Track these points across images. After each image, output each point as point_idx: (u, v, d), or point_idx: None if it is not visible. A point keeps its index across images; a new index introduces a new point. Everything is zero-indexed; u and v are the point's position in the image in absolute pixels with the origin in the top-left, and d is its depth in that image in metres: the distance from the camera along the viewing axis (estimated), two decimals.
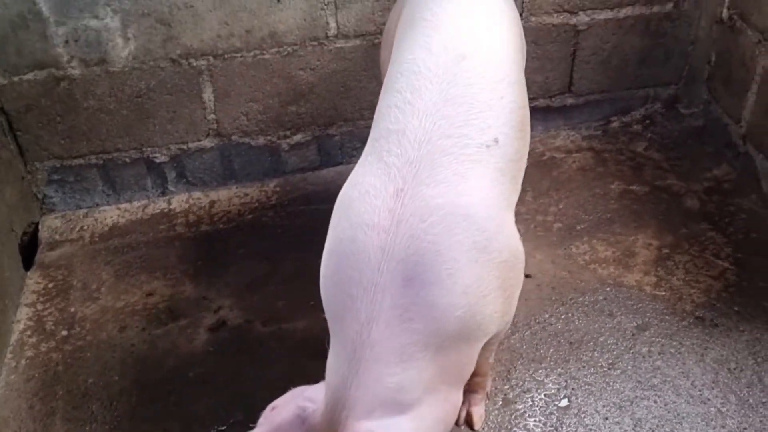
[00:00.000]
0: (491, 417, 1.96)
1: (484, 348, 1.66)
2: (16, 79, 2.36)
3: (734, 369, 2.04)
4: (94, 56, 2.36)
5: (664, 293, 2.26)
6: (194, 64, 2.45)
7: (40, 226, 2.64)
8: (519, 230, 1.50)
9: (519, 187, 1.66)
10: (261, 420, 1.45)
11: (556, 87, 2.77)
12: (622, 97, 2.87)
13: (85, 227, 2.65)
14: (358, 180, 1.47)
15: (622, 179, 2.68)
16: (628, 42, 2.73)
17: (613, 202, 2.59)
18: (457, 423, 1.94)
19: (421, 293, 1.34)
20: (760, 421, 1.91)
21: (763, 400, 1.96)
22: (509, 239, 1.50)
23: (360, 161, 1.53)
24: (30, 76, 2.36)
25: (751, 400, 1.96)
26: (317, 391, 1.44)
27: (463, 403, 1.93)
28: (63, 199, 2.65)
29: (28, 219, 2.58)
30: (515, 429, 1.93)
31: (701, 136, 2.85)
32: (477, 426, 1.93)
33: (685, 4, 2.68)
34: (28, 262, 2.51)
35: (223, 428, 1.98)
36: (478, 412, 1.94)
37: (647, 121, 2.91)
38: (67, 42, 2.32)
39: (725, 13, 2.64)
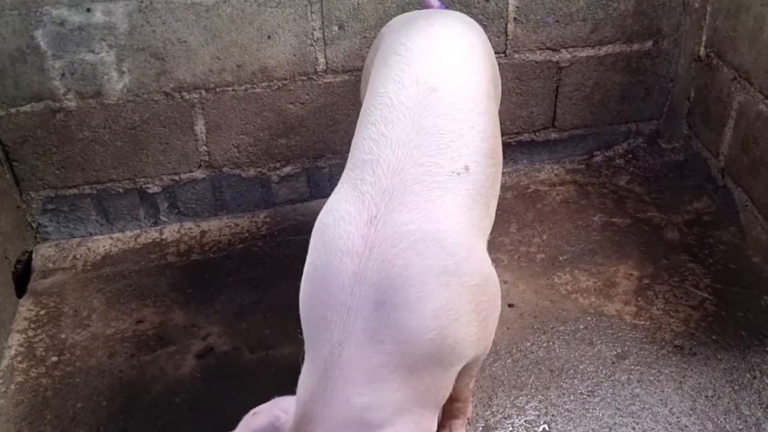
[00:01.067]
0: None
1: (462, 374, 1.70)
2: (13, 110, 2.43)
3: (712, 396, 2.08)
4: (89, 89, 2.44)
5: (643, 322, 2.30)
6: (187, 97, 2.52)
7: (33, 255, 2.69)
8: (502, 260, 1.56)
9: (492, 214, 1.71)
10: (241, 423, 1.49)
11: (540, 122, 2.85)
12: (604, 131, 2.94)
13: (78, 256, 2.70)
14: (333, 207, 1.53)
15: (604, 212, 2.74)
16: (609, 78, 2.81)
17: (596, 233, 2.64)
18: None
19: (392, 315, 1.38)
20: None
21: (740, 427, 2.00)
22: (480, 264, 1.54)
23: (336, 189, 1.59)
24: (27, 107, 2.43)
25: (728, 427, 1.99)
26: (292, 403, 1.48)
27: (444, 428, 1.97)
28: (57, 228, 2.70)
29: (22, 247, 2.63)
30: None
31: (682, 169, 2.92)
32: None
33: (664, 43, 2.77)
34: (21, 289, 2.56)
35: None
36: None
37: (629, 156, 2.98)
38: (63, 75, 2.39)
39: (702, 51, 2.72)
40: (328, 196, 2.77)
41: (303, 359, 1.51)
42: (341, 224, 1.46)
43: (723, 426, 2.00)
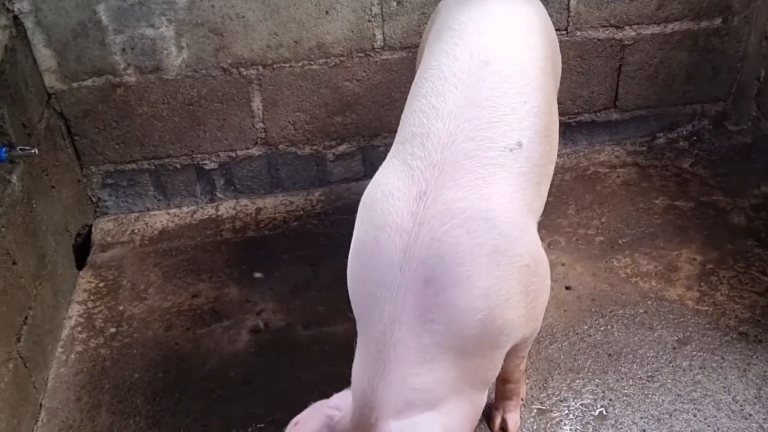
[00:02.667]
0: (526, 424, 1.96)
1: (512, 354, 1.67)
2: (75, 85, 2.46)
3: None
4: (149, 64, 2.46)
5: (706, 308, 2.23)
6: (244, 73, 2.52)
7: (93, 229, 2.74)
8: (560, 242, 1.52)
9: (545, 195, 1.66)
10: None
11: (602, 102, 2.77)
12: (668, 113, 2.85)
13: (136, 230, 2.73)
14: (381, 182, 1.50)
15: (666, 195, 2.66)
16: (675, 57, 2.72)
17: (657, 217, 2.57)
18: (492, 429, 1.95)
19: (441, 294, 1.36)
20: None
21: None
22: (531, 244, 1.50)
23: (384, 164, 1.56)
24: (88, 82, 2.47)
25: None
26: (342, 399, 1.46)
27: (498, 409, 1.95)
28: (116, 202, 2.74)
29: (82, 221, 2.68)
30: None
31: (750, 152, 2.82)
32: None
33: (734, 20, 2.66)
34: (80, 262, 2.60)
35: (262, 426, 2.02)
36: (513, 419, 1.94)
37: (694, 138, 2.89)
38: (124, 50, 2.41)
39: None
40: None
41: (356, 343, 1.49)
42: (390, 200, 1.43)
43: None
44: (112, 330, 2.35)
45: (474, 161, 1.44)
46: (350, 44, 2.51)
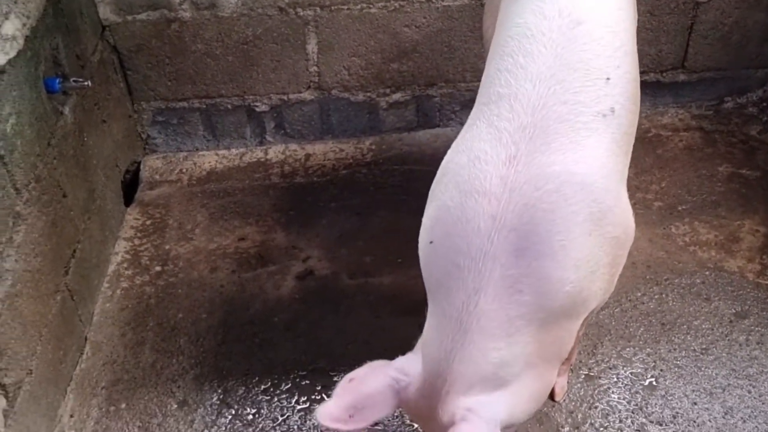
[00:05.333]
0: (573, 390, 1.92)
1: None
2: (129, 18, 2.42)
3: None
4: (205, 0, 2.40)
5: None
6: (301, 13, 2.45)
7: (141, 166, 2.72)
8: None
9: (628, 163, 1.59)
10: (338, 391, 1.36)
11: (669, 61, 2.66)
12: (739, 76, 2.72)
13: (184, 170, 2.71)
14: (466, 146, 1.42)
15: (731, 162, 2.55)
16: (751, 18, 2.57)
17: (720, 184, 2.47)
18: None
19: (534, 264, 1.29)
20: None
21: None
22: (624, 215, 1.43)
23: (466, 127, 1.48)
24: (143, 16, 2.42)
25: None
26: (410, 364, 1.39)
27: None
28: (165, 140, 2.72)
29: (131, 157, 2.66)
30: (597, 404, 1.88)
31: None
32: (558, 397, 1.90)
33: None
34: (128, 199, 2.60)
35: (304, 373, 2.01)
36: (561, 384, 1.90)
37: (764, 104, 2.75)
38: None
39: None
40: (436, 127, 2.76)
41: (426, 314, 1.43)
42: (477, 164, 1.35)
43: None
44: (158, 268, 2.35)
45: (566, 125, 1.35)
46: None
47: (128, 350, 2.11)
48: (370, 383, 1.37)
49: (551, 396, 1.89)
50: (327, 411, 1.32)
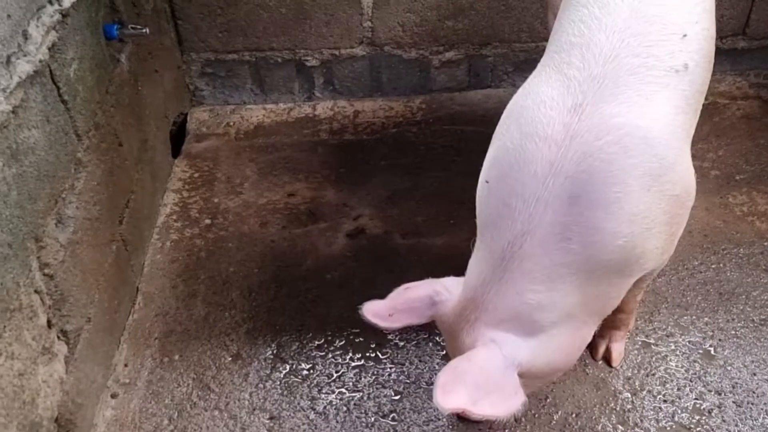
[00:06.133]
0: (630, 356, 1.91)
1: (636, 284, 1.60)
2: None
3: None
4: None
5: None
6: None
7: (188, 117, 2.70)
8: None
9: (695, 123, 1.55)
10: (392, 294, 1.48)
11: (730, 27, 2.60)
12: None
13: (232, 123, 2.69)
14: (533, 90, 1.41)
15: None
16: None
17: None
18: (594, 358, 1.90)
19: (586, 213, 1.29)
20: None
21: None
22: (685, 173, 1.41)
23: (535, 72, 1.47)
24: None
25: None
26: (455, 284, 1.45)
27: (603, 338, 1.89)
28: (212, 93, 2.69)
29: (179, 109, 2.64)
30: (655, 371, 1.87)
31: None
32: (615, 363, 1.88)
33: None
34: (175, 150, 2.58)
35: (357, 331, 2.00)
36: (618, 349, 1.89)
37: None
38: None
39: None
40: (487, 87, 2.71)
41: (473, 244, 1.46)
42: (541, 108, 1.35)
43: None
44: (207, 221, 2.34)
45: (637, 78, 1.34)
46: None
47: (180, 302, 2.10)
48: (417, 291, 1.47)
49: (608, 361, 1.88)
50: (372, 307, 1.45)
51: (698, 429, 1.74)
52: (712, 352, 1.91)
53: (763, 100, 2.63)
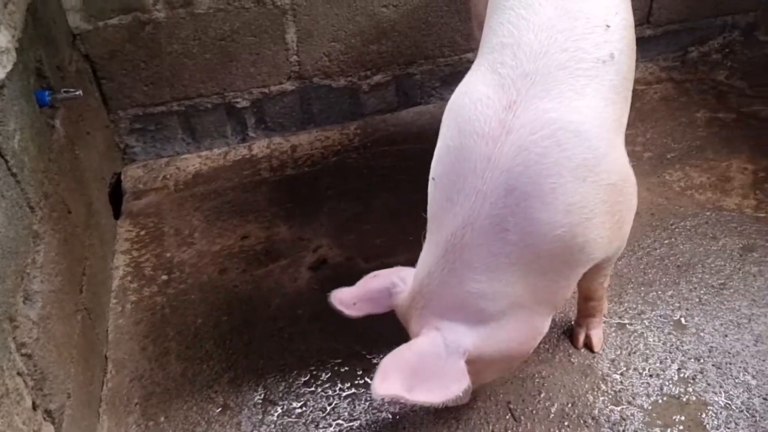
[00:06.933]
0: (609, 339, 1.97)
1: (595, 273, 1.67)
2: (101, 24, 2.34)
3: None
4: None
5: (765, 215, 2.25)
6: (278, 3, 2.41)
7: (122, 176, 2.63)
8: None
9: (628, 110, 1.63)
10: (361, 281, 1.60)
11: (636, 18, 2.69)
12: (699, 26, 2.84)
13: (168, 176, 2.64)
14: (469, 89, 1.47)
15: (706, 107, 2.66)
16: None
17: (701, 129, 2.57)
18: (576, 347, 1.95)
19: (522, 204, 1.35)
20: None
21: None
22: (619, 161, 1.48)
23: (471, 71, 1.53)
24: (115, 20, 2.34)
25: None
26: (410, 274, 1.53)
27: (581, 326, 1.95)
28: (144, 148, 2.64)
29: (113, 169, 2.57)
30: (635, 349, 1.93)
31: None
32: (597, 348, 1.94)
33: None
34: (115, 211, 2.51)
35: (339, 360, 1.99)
36: (597, 335, 1.95)
37: (726, 50, 2.88)
38: None
39: None
40: (417, 104, 2.76)
41: (424, 237, 1.52)
42: (478, 107, 1.41)
43: None
44: (164, 277, 2.28)
45: (567, 72, 1.41)
46: None
47: (153, 363, 2.04)
48: (379, 281, 1.58)
49: (590, 348, 1.94)
50: (339, 295, 1.58)
51: (687, 397, 1.81)
52: (683, 322, 1.99)
53: (675, 81, 2.79)
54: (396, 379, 1.33)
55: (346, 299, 1.57)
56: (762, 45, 2.89)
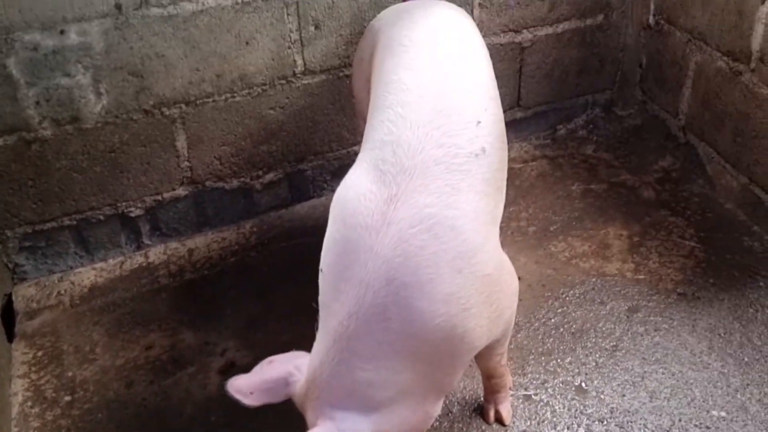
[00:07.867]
0: (518, 411, 2.05)
1: (489, 354, 1.77)
2: None
3: (724, 334, 2.22)
4: (66, 115, 2.33)
5: (644, 276, 2.43)
6: (167, 113, 2.45)
7: (13, 297, 2.55)
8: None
9: (503, 199, 1.75)
10: (256, 368, 1.59)
11: (507, 102, 2.94)
12: (564, 105, 3.07)
13: (63, 292, 2.57)
14: (353, 183, 1.55)
15: (580, 180, 2.86)
16: (567, 54, 2.93)
17: (578, 201, 2.76)
18: (488, 422, 2.02)
19: (401, 293, 1.41)
20: (759, 376, 2.09)
21: (756, 357, 2.15)
22: (493, 252, 1.58)
23: (355, 166, 1.61)
24: None
25: (746, 359, 2.14)
26: (306, 362, 1.54)
27: (489, 402, 2.03)
28: (35, 266, 2.57)
29: (2, 290, 2.49)
30: (544, 418, 2.02)
31: (641, 132, 3.09)
32: (507, 421, 2.01)
33: (613, 15, 2.92)
34: (8, 333, 2.42)
35: None
36: (506, 409, 2.02)
37: (590, 126, 3.12)
38: (38, 103, 2.28)
39: (652, 20, 2.89)
40: (311, 198, 2.84)
41: (316, 327, 1.55)
42: (362, 200, 1.48)
43: (741, 358, 2.14)
44: (67, 398, 2.21)
45: (443, 167, 1.50)
46: (272, 72, 2.51)
47: None
48: (276, 370, 1.57)
49: (501, 422, 2.01)
50: (236, 383, 1.55)
51: None
52: (584, 387, 2.10)
53: (549, 158, 2.99)
54: None
55: (243, 388, 1.55)
56: (621, 119, 3.15)
